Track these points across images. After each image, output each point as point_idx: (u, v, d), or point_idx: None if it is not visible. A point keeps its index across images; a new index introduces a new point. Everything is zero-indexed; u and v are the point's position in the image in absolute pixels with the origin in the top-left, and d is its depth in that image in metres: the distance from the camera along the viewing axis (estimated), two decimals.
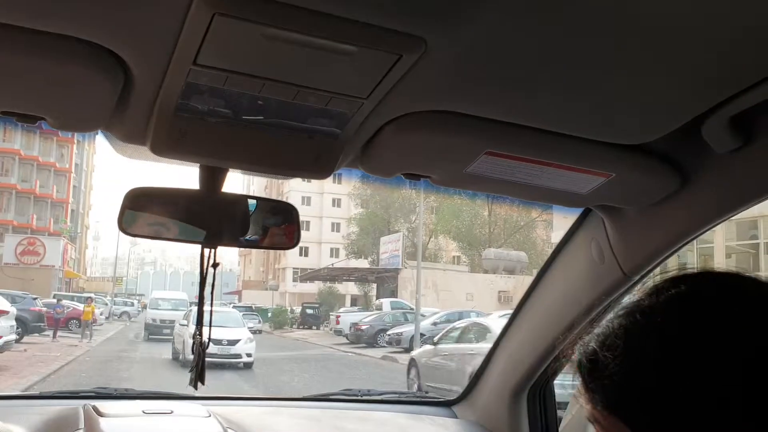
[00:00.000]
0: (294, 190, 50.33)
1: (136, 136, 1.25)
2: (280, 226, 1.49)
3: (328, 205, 58.37)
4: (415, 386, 13.19)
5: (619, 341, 0.81)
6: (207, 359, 1.45)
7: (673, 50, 1.01)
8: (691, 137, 1.26)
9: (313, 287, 47.18)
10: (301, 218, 1.55)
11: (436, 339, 14.60)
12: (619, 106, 1.19)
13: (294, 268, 54.53)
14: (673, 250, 1.59)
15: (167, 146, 1.22)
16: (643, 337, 0.79)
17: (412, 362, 14.43)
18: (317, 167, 1.30)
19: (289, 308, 42.51)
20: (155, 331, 27.00)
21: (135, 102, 1.14)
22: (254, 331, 30.54)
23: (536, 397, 2.19)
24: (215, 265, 1.46)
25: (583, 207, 1.70)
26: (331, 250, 55.30)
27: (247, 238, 1.47)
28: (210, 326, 1.47)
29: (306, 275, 47.66)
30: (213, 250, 1.45)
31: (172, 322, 25.31)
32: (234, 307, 37.65)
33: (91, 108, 1.15)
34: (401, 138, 1.25)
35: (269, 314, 39.32)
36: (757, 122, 1.22)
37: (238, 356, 17.87)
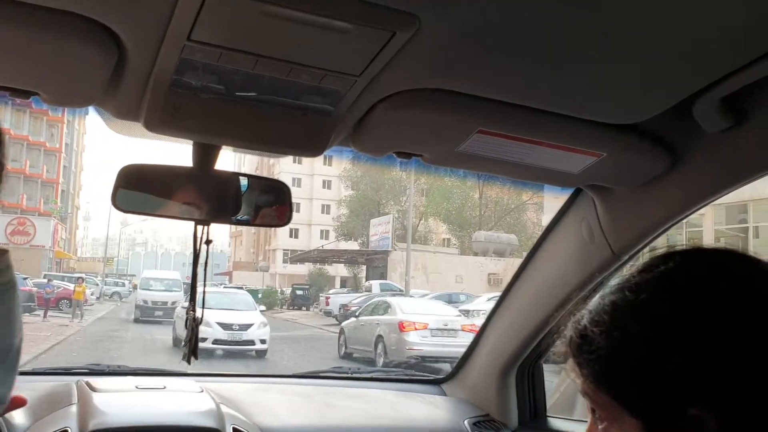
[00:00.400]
0: (285, 171, 50.10)
1: (130, 111, 1.25)
2: (272, 203, 1.50)
3: (318, 186, 58.25)
4: (343, 350, 16.58)
5: (606, 317, 0.82)
6: (216, 346, 1.45)
7: (665, 30, 1.02)
8: (682, 117, 1.27)
9: (304, 269, 47.21)
10: (292, 200, 1.56)
11: (357, 312, 17.97)
12: (611, 86, 1.19)
13: (284, 250, 54.52)
14: (663, 230, 1.60)
15: (160, 122, 1.22)
16: (629, 312, 0.81)
17: (342, 330, 17.48)
18: (310, 144, 1.30)
19: (279, 289, 42.54)
20: (147, 314, 25.47)
21: (129, 77, 1.14)
22: None
23: (525, 375, 2.22)
24: (208, 242, 1.47)
25: (574, 186, 1.71)
26: (321, 231, 55.30)
27: (240, 215, 1.48)
28: (204, 300, 1.49)
29: (296, 257, 47.68)
30: (206, 227, 1.46)
31: (165, 304, 24.96)
32: (225, 287, 37.60)
33: (85, 83, 1.15)
34: (394, 116, 1.25)
35: (259, 295, 39.34)
36: (748, 102, 1.23)
37: (251, 342, 15.99)
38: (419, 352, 14.00)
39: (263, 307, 21.46)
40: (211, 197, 1.45)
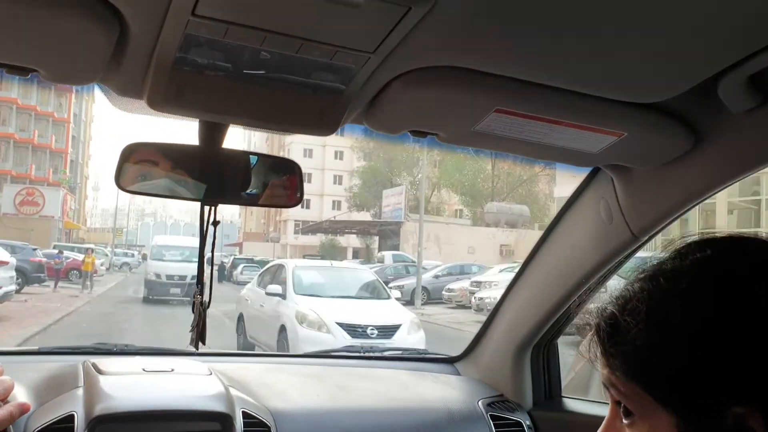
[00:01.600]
0: (296, 142, 50.04)
1: (133, 89, 1.20)
2: (282, 183, 1.45)
3: (330, 157, 58.16)
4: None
5: (641, 305, 0.78)
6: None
7: (691, 7, 0.97)
8: (706, 96, 1.22)
9: (315, 240, 47.38)
10: (303, 171, 1.51)
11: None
12: (634, 64, 1.14)
13: (296, 221, 54.61)
14: (683, 211, 1.56)
15: (165, 100, 1.17)
16: (666, 301, 0.76)
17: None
18: (321, 123, 1.25)
19: None
20: (159, 291, 21.01)
21: (131, 54, 1.09)
22: None
23: (540, 354, 2.19)
24: (215, 223, 1.42)
25: (592, 166, 1.66)
26: (333, 202, 55.36)
27: (248, 195, 1.43)
28: (211, 287, 1.45)
29: (308, 228, 47.80)
30: (213, 208, 1.41)
31: (183, 279, 20.51)
32: (235, 258, 37.62)
33: (85, 60, 1.10)
34: (408, 94, 1.20)
35: None
36: None
37: None
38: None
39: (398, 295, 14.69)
40: (218, 177, 1.40)
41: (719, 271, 0.76)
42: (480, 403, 2.10)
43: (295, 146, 50.46)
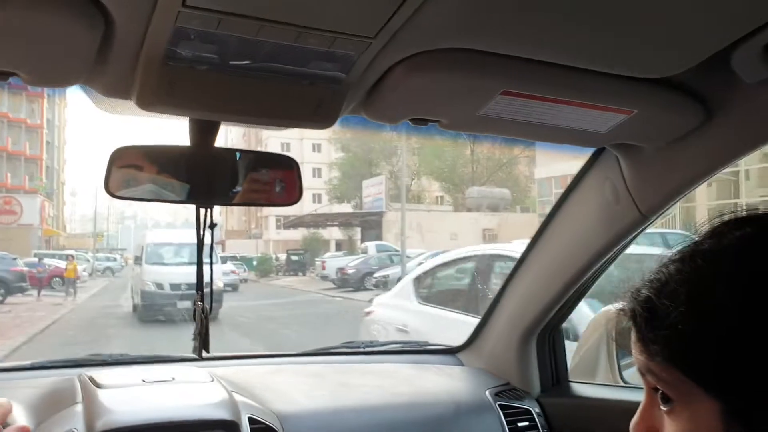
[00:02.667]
0: (273, 136, 49.47)
1: (120, 89, 1.13)
2: (280, 181, 1.39)
3: (308, 150, 57.78)
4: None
5: (680, 288, 0.74)
6: None
7: None
8: (719, 68, 1.18)
9: (297, 234, 47.16)
10: None
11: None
12: (645, 38, 1.10)
13: (277, 216, 54.27)
14: (693, 188, 1.53)
15: (155, 99, 1.11)
16: (708, 283, 0.72)
17: None
18: (319, 116, 1.20)
19: (273, 256, 42.58)
20: (161, 305, 16.14)
21: (118, 52, 1.02)
22: (241, 280, 30.49)
23: (545, 341, 2.15)
24: (212, 226, 1.36)
25: (600, 146, 1.62)
26: (314, 195, 55.12)
27: (245, 195, 1.37)
28: (211, 290, 1.39)
29: (289, 222, 47.56)
30: (209, 210, 1.35)
31: (191, 287, 11.79)
32: (219, 257, 37.35)
33: (69, 60, 1.03)
34: (411, 80, 1.15)
35: (254, 263, 39.36)
36: None
37: None
38: None
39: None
40: (212, 178, 1.34)
41: (763, 250, 0.72)
42: (487, 392, 2.07)
43: (272, 140, 50.00)
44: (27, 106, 53.04)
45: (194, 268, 1.35)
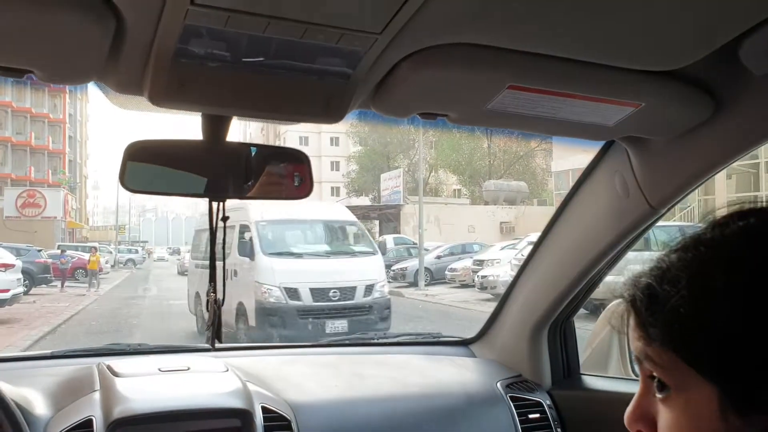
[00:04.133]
0: (291, 130, 49.64)
1: (133, 85, 1.16)
2: (291, 174, 1.41)
3: (326, 144, 57.94)
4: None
5: (681, 274, 0.74)
6: None
7: None
8: (727, 60, 1.18)
9: None
10: None
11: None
12: (651, 31, 1.10)
13: None
14: (703, 180, 1.53)
15: (166, 95, 1.13)
16: (710, 268, 0.73)
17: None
18: (328, 111, 1.22)
19: None
20: (293, 328, 10.16)
21: (129, 49, 1.05)
22: None
23: (557, 333, 2.16)
24: (225, 219, 1.39)
25: (608, 139, 1.62)
26: (332, 189, 55.21)
27: (256, 189, 1.39)
28: (225, 283, 1.42)
29: None
30: (221, 203, 1.38)
31: (347, 294, 10.63)
32: None
33: (82, 58, 1.06)
34: (418, 75, 1.16)
35: None
36: None
37: None
38: None
39: None
40: (224, 171, 1.36)
41: (765, 239, 0.73)
42: (499, 384, 2.08)
43: (290, 134, 50.17)
44: (49, 101, 53.66)
45: (341, 262, 1.33)
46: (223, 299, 1.42)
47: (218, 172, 1.37)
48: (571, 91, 1.26)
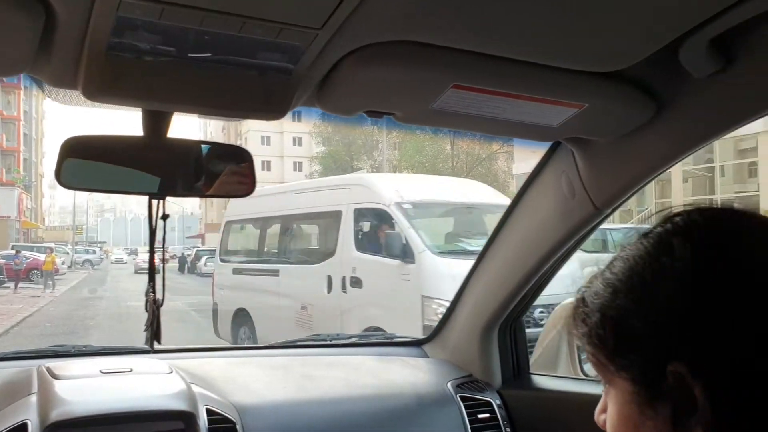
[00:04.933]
0: (253, 130, 49.16)
1: (66, 79, 1.12)
2: (233, 172, 1.39)
3: (288, 144, 57.46)
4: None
5: (598, 278, 0.80)
6: None
7: None
8: (668, 62, 1.20)
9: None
10: (262, 158, 1.46)
11: None
12: (593, 32, 1.11)
13: None
14: (646, 182, 1.54)
15: (100, 90, 1.10)
16: (617, 270, 0.78)
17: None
18: (269, 107, 1.20)
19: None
20: None
21: (61, 42, 1.02)
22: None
23: (507, 332, 2.17)
24: (165, 217, 1.36)
25: (553, 140, 1.63)
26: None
27: (198, 186, 1.37)
28: (164, 284, 1.39)
29: None
30: (161, 201, 1.35)
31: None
32: (198, 251, 37.41)
33: (10, 50, 1.03)
34: (361, 72, 1.15)
35: None
36: (736, 44, 1.17)
37: None
38: None
39: None
40: (165, 168, 1.33)
41: (663, 239, 0.77)
42: (449, 384, 2.08)
43: (252, 134, 49.69)
44: (3, 97, 52.30)
45: None
46: (163, 299, 1.39)
47: (159, 168, 1.34)
48: (516, 92, 1.27)
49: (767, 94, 1.24)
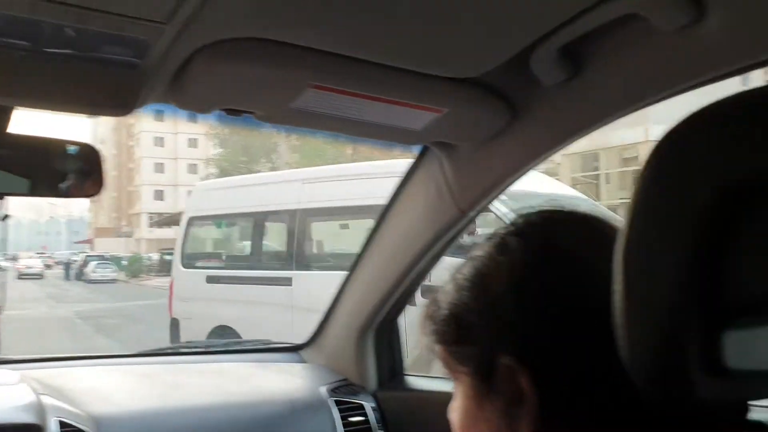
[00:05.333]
0: (145, 130, 47.51)
1: None
2: (80, 171, 1.32)
3: (183, 145, 55.79)
4: None
5: (457, 275, 0.82)
6: None
7: None
8: (520, 70, 1.23)
9: (172, 233, 45.54)
10: (155, 160, 1.40)
11: None
12: (448, 37, 1.13)
13: (149, 213, 52.09)
14: (506, 185, 1.58)
15: None
16: (470, 267, 0.80)
17: None
18: (115, 103, 1.15)
19: (145, 256, 41.04)
20: None
21: None
22: (110, 280, 29.13)
23: (382, 335, 2.18)
24: (5, 218, 1.27)
25: (418, 144, 1.65)
26: (189, 193, 53.55)
27: (41, 185, 1.29)
28: (4, 290, 1.29)
29: (162, 220, 45.79)
30: (1, 200, 1.26)
31: None
32: (87, 256, 35.87)
33: None
34: (215, 68, 1.12)
35: (124, 263, 37.92)
36: (584, 53, 1.22)
37: None
38: None
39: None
40: (4, 166, 1.25)
41: (496, 238, 0.80)
42: (323, 389, 2.06)
43: (144, 135, 48.03)
44: None
45: None
46: (3, 306, 1.29)
47: None
48: (375, 94, 1.27)
49: (614, 101, 1.29)
